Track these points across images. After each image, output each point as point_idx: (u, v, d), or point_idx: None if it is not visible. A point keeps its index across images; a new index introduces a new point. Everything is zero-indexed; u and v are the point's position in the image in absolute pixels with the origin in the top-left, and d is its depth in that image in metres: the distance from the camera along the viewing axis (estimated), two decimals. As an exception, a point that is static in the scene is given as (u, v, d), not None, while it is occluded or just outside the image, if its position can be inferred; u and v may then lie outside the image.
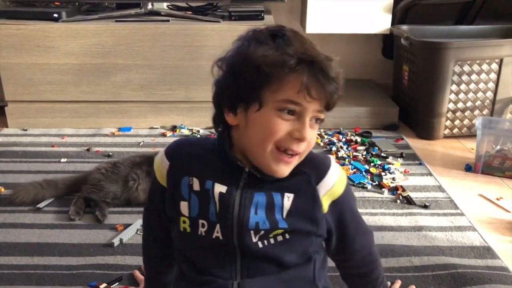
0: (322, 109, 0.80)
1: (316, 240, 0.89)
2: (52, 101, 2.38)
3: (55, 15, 2.33)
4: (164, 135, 2.35)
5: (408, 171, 1.98)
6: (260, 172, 0.83)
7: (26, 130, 2.38)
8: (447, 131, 2.37)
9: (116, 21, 2.34)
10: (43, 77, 2.33)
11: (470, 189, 1.87)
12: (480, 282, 1.30)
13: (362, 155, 2.11)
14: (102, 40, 2.29)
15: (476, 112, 2.36)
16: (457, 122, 2.36)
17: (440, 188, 1.84)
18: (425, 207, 1.70)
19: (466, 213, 1.67)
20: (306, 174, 0.85)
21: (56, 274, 1.33)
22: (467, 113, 2.35)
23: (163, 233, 0.97)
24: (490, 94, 2.34)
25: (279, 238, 0.85)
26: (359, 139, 2.28)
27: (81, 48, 2.29)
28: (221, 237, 0.85)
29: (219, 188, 0.84)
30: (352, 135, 2.35)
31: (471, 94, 2.32)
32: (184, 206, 0.86)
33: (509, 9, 2.61)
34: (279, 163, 0.81)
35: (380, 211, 1.68)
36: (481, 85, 2.31)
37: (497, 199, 1.78)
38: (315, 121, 0.81)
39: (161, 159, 0.90)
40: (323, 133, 2.36)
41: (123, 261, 1.38)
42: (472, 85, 2.30)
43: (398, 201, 1.74)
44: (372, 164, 2.03)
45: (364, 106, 2.48)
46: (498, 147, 2.00)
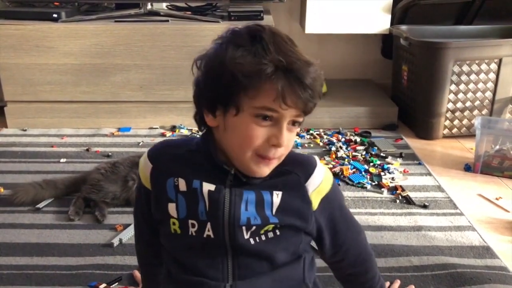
0: (300, 114, 0.79)
1: (305, 238, 0.90)
2: (52, 101, 2.38)
3: (55, 15, 2.33)
4: (163, 135, 2.34)
5: (408, 171, 1.98)
6: (245, 176, 0.83)
7: (25, 130, 2.38)
8: (446, 131, 2.38)
9: (116, 21, 2.34)
10: (42, 77, 2.33)
11: (469, 189, 1.87)
12: (479, 282, 1.30)
13: (362, 155, 2.11)
14: (102, 40, 2.28)
15: (475, 112, 2.36)
16: (456, 122, 2.36)
17: (440, 188, 1.84)
18: (425, 207, 1.70)
19: (465, 213, 1.67)
20: (294, 173, 0.86)
21: (56, 274, 1.33)
22: (466, 113, 2.36)
23: (150, 234, 0.97)
24: (489, 94, 2.34)
25: (270, 235, 0.85)
26: (358, 139, 2.28)
27: (81, 48, 2.29)
28: (212, 236, 0.84)
29: (207, 187, 0.84)
30: (351, 135, 2.35)
31: (470, 94, 2.32)
32: (172, 208, 0.86)
33: (508, 9, 2.61)
34: (259, 165, 0.81)
35: (380, 211, 1.68)
36: (480, 85, 2.31)
37: (496, 198, 1.78)
38: (292, 124, 0.81)
39: (144, 161, 0.90)
40: (322, 133, 2.36)
41: (122, 261, 1.38)
42: (471, 85, 2.30)
43: (398, 201, 1.74)
44: (371, 164, 2.03)
45: (364, 106, 2.48)
46: (497, 147, 2.00)
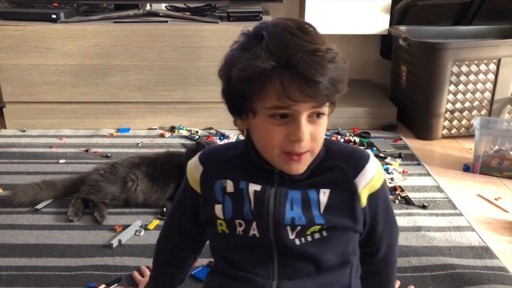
0: (317, 104, 0.77)
1: (354, 237, 0.88)
2: (50, 102, 2.38)
3: (53, 16, 2.33)
4: (162, 135, 2.34)
5: (407, 172, 1.98)
6: (288, 174, 0.84)
7: (24, 131, 2.38)
8: (445, 131, 2.38)
9: (114, 22, 2.34)
10: (41, 78, 2.33)
11: (468, 189, 1.87)
12: (478, 282, 1.30)
13: (361, 156, 2.11)
14: (100, 41, 2.28)
15: (474, 112, 2.36)
16: (455, 122, 2.37)
17: (439, 188, 1.84)
18: (424, 207, 1.70)
19: (465, 213, 1.67)
20: (342, 169, 0.85)
21: (55, 275, 1.32)
22: (465, 113, 2.36)
23: (179, 238, 1.01)
24: (488, 94, 2.34)
25: (317, 236, 0.85)
26: (357, 140, 2.28)
27: (79, 49, 2.29)
28: (257, 235, 0.85)
29: (253, 187, 0.85)
30: (350, 135, 2.35)
31: (469, 95, 2.32)
32: (218, 209, 0.88)
33: (507, 10, 2.61)
34: (289, 163, 0.81)
35: (379, 211, 1.68)
36: (479, 85, 2.31)
37: (495, 199, 1.78)
38: (317, 116, 0.79)
39: (195, 164, 0.93)
40: (321, 134, 2.36)
41: (121, 262, 1.38)
42: (470, 86, 2.30)
43: (397, 201, 1.74)
44: (370, 164, 2.02)
45: (363, 106, 2.48)
46: (496, 147, 2.00)
